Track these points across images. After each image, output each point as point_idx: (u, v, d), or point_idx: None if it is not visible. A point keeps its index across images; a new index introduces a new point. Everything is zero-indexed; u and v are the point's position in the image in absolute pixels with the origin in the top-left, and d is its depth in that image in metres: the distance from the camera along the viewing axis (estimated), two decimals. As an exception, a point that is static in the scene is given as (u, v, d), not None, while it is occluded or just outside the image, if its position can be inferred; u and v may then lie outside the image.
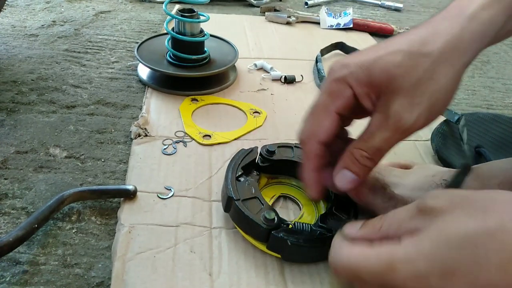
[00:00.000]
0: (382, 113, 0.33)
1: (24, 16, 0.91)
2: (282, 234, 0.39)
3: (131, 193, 0.46)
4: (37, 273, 0.39)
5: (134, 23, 0.93)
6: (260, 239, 0.40)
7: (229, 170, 0.45)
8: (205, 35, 0.68)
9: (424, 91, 0.32)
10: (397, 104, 0.32)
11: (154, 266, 0.39)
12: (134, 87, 0.69)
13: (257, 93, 0.69)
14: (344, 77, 0.34)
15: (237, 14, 1.04)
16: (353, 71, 0.33)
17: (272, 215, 0.40)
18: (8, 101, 0.62)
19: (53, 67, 0.72)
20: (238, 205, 0.41)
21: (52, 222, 0.44)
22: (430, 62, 0.32)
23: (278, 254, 0.40)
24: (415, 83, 0.32)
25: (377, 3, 1.21)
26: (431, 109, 0.32)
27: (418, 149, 0.60)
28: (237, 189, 0.43)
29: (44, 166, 0.51)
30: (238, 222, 0.42)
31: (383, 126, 0.33)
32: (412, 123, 0.32)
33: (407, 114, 0.32)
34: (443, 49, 0.32)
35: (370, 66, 0.33)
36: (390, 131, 0.33)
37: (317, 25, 1.00)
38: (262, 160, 0.48)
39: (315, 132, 0.36)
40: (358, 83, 0.33)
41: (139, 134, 0.56)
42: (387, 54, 0.33)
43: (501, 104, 0.77)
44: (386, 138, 0.33)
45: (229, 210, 0.43)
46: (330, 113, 0.35)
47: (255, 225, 0.40)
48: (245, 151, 0.47)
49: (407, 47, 0.32)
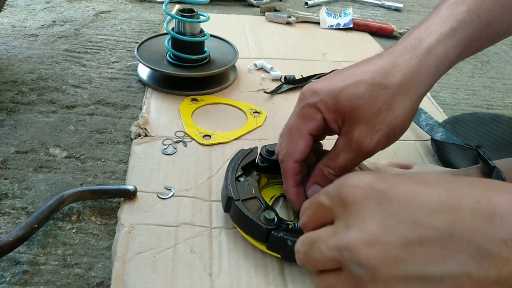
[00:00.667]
0: (346, 138, 0.37)
1: (24, 16, 0.91)
2: (282, 234, 0.39)
3: (131, 193, 0.46)
4: (37, 273, 0.39)
5: (134, 23, 0.93)
6: (260, 239, 0.40)
7: (229, 170, 0.45)
8: (205, 35, 0.68)
9: (383, 120, 0.35)
10: (359, 131, 0.36)
11: (154, 266, 0.39)
12: (134, 87, 0.69)
13: (257, 93, 0.69)
14: (314, 104, 0.37)
15: (237, 14, 1.04)
16: (322, 98, 0.37)
17: (272, 215, 0.40)
18: (8, 101, 0.62)
19: (53, 67, 0.72)
20: (238, 205, 0.41)
21: (52, 222, 0.44)
22: (389, 94, 0.35)
23: (278, 254, 0.40)
24: (375, 113, 0.35)
25: (377, 3, 1.21)
26: (389, 135, 0.36)
27: (418, 149, 0.60)
28: (237, 189, 0.43)
29: (44, 166, 0.51)
30: (238, 222, 0.42)
31: (346, 149, 0.37)
32: (372, 148, 0.37)
33: (367, 141, 0.36)
34: (402, 82, 0.35)
35: (337, 95, 0.36)
36: (352, 153, 0.37)
37: (317, 25, 1.00)
38: (262, 160, 0.48)
39: (291, 152, 0.40)
40: (327, 110, 0.37)
41: (139, 134, 0.56)
42: (352, 84, 0.36)
43: (501, 104, 0.77)
44: (349, 159, 0.38)
45: (229, 210, 0.43)
46: (304, 135, 0.39)
47: (255, 225, 0.40)
48: (245, 151, 0.47)
49: (369, 78, 0.36)
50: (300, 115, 0.39)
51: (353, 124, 0.36)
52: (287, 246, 0.38)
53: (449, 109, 0.72)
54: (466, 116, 0.63)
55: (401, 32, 1.00)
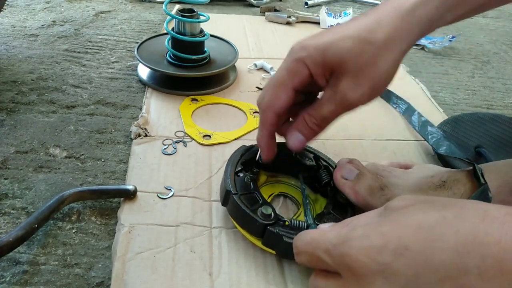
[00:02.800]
0: (332, 90, 0.39)
1: (24, 16, 0.91)
2: (278, 230, 0.39)
3: (131, 193, 0.46)
4: (37, 273, 0.39)
5: (134, 23, 0.93)
6: (256, 234, 0.40)
7: (228, 165, 0.45)
8: (205, 35, 0.68)
9: (368, 74, 0.37)
10: (344, 84, 0.38)
11: (154, 266, 0.40)
12: (134, 87, 0.69)
13: (257, 93, 0.69)
14: (302, 58, 0.38)
15: (237, 14, 1.04)
16: (311, 53, 0.38)
17: (269, 211, 0.40)
18: (8, 101, 0.62)
19: (53, 67, 0.72)
20: (236, 199, 0.41)
21: (52, 222, 0.44)
22: (374, 49, 0.37)
23: (273, 251, 0.40)
24: (360, 67, 0.37)
25: (377, 3, 1.21)
26: (372, 89, 0.38)
27: (418, 149, 0.60)
28: (236, 184, 0.43)
29: (44, 166, 0.51)
30: (235, 216, 0.42)
31: (331, 100, 0.39)
32: (356, 100, 0.38)
33: (352, 93, 0.38)
34: (385, 39, 0.37)
35: (325, 50, 0.38)
36: (336, 105, 0.39)
37: (317, 25, 1.00)
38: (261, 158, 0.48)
39: (273, 104, 0.41)
40: (314, 64, 0.38)
41: (139, 134, 0.56)
42: (340, 39, 0.37)
43: (501, 104, 0.77)
44: (332, 110, 0.39)
45: (227, 204, 0.43)
46: (288, 89, 0.40)
47: (252, 219, 0.40)
48: (246, 148, 0.48)
49: (356, 34, 0.37)
50: (287, 69, 0.40)
51: (339, 77, 0.38)
52: (283, 242, 0.38)
53: (449, 109, 0.72)
54: (466, 116, 0.63)
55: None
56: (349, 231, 0.29)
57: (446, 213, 0.26)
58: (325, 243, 0.29)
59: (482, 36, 1.06)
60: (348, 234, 0.28)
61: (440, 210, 0.27)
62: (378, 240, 0.26)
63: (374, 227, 0.28)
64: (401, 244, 0.25)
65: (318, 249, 0.30)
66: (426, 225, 0.26)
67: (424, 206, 0.28)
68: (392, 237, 0.26)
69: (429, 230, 0.25)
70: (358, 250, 0.27)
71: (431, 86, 0.79)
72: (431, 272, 0.24)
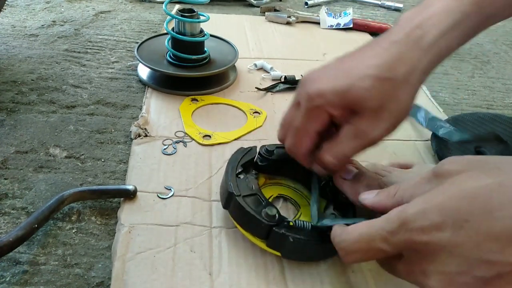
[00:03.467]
0: (351, 127, 0.38)
1: (24, 16, 0.91)
2: (284, 231, 0.38)
3: (131, 193, 0.46)
4: (37, 273, 0.39)
5: (134, 23, 0.93)
6: (260, 235, 0.40)
7: (229, 167, 0.44)
8: (205, 35, 0.68)
9: (388, 110, 0.37)
10: (365, 122, 0.37)
11: (154, 266, 0.40)
12: (134, 87, 0.69)
13: (257, 93, 0.69)
14: (322, 106, 0.38)
15: (237, 14, 1.04)
16: (329, 99, 0.38)
17: (274, 211, 0.39)
18: (8, 101, 0.62)
19: (53, 67, 0.72)
20: (239, 200, 0.40)
21: (52, 222, 0.44)
22: (395, 86, 0.37)
23: (278, 252, 0.40)
24: (381, 105, 0.37)
25: (377, 3, 1.21)
26: (393, 123, 0.38)
27: (418, 149, 0.60)
28: (238, 186, 0.42)
29: (44, 166, 0.51)
30: (238, 219, 0.41)
31: (350, 138, 0.39)
32: (377, 137, 0.38)
33: (373, 130, 0.38)
34: (405, 74, 0.37)
35: (344, 93, 0.37)
36: (356, 142, 0.39)
37: (317, 25, 1.00)
38: (261, 159, 0.48)
39: (298, 149, 0.42)
40: (334, 109, 0.38)
41: (139, 134, 0.56)
42: (358, 80, 0.37)
43: (501, 104, 0.77)
44: (352, 147, 0.39)
45: (229, 206, 0.42)
46: (311, 135, 0.40)
47: (256, 221, 0.39)
48: (244, 150, 0.47)
49: (375, 73, 0.37)
50: (307, 116, 0.40)
51: (360, 115, 0.38)
52: (288, 243, 0.38)
53: (449, 109, 0.72)
54: (466, 116, 0.63)
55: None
56: (402, 212, 0.28)
57: (502, 178, 0.26)
58: (380, 233, 0.29)
59: (482, 36, 1.06)
60: (403, 216, 0.28)
61: (495, 175, 0.26)
62: (436, 216, 0.26)
63: (428, 201, 0.27)
64: (460, 217, 0.25)
65: (373, 241, 0.29)
66: (482, 194, 0.26)
67: (478, 172, 0.27)
68: (450, 211, 0.26)
69: (486, 199, 0.25)
70: (418, 232, 0.27)
71: (431, 86, 0.79)
72: (493, 241, 0.24)
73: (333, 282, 0.40)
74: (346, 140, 0.39)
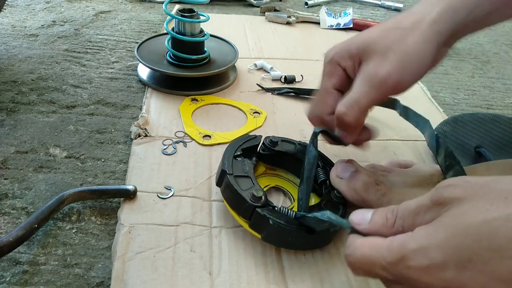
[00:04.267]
0: (361, 73, 0.40)
1: (24, 16, 0.91)
2: (265, 213, 0.39)
3: (131, 193, 0.46)
4: (37, 273, 0.39)
5: (134, 23, 0.93)
6: (245, 216, 0.40)
7: (228, 148, 0.45)
8: (205, 35, 0.68)
9: (395, 50, 0.38)
10: (371, 63, 0.39)
11: (154, 265, 0.40)
12: (134, 87, 0.69)
13: (257, 93, 0.69)
14: (332, 58, 0.41)
15: (237, 14, 1.04)
16: (338, 51, 0.41)
17: (260, 194, 0.40)
18: (8, 101, 0.62)
19: (53, 67, 0.72)
20: (230, 179, 0.41)
21: (52, 222, 0.44)
22: (401, 32, 0.38)
23: (259, 234, 0.40)
24: (387, 46, 0.38)
25: (377, 3, 1.21)
26: (403, 66, 0.38)
27: (418, 149, 0.60)
28: (232, 166, 0.43)
29: (44, 166, 0.51)
30: (227, 197, 0.42)
31: (361, 83, 0.39)
32: (385, 75, 0.38)
33: (379, 68, 0.38)
34: (414, 22, 0.38)
35: (350, 42, 0.40)
36: (366, 85, 0.39)
37: (317, 25, 1.00)
38: (263, 148, 0.48)
39: (322, 108, 0.43)
40: (343, 59, 0.40)
41: (139, 134, 0.56)
42: (365, 32, 0.41)
43: (501, 104, 0.77)
44: (364, 92, 0.39)
45: (221, 184, 0.43)
46: (331, 91, 0.42)
47: (242, 200, 0.40)
48: (249, 136, 0.48)
49: (382, 26, 0.40)
50: (324, 73, 0.43)
51: (367, 61, 0.39)
52: (269, 226, 0.38)
53: (449, 109, 0.72)
54: (466, 116, 0.63)
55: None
56: (402, 245, 0.26)
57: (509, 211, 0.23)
58: (380, 260, 0.27)
59: (482, 36, 1.06)
60: (403, 250, 0.26)
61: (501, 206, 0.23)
62: (437, 255, 0.24)
63: (429, 236, 0.25)
64: (463, 256, 0.23)
65: (373, 266, 0.28)
66: (487, 230, 0.23)
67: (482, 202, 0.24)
68: (452, 250, 0.24)
69: (492, 236, 0.23)
70: (418, 271, 0.25)
71: (431, 86, 0.79)
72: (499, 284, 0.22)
73: (333, 282, 0.40)
74: (356, 86, 0.40)
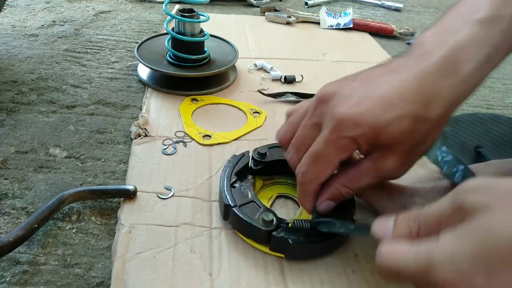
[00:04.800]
0: (374, 164, 0.37)
1: (24, 16, 0.91)
2: (282, 234, 0.39)
3: (131, 193, 0.46)
4: (37, 273, 0.39)
5: (134, 23, 0.93)
6: (262, 241, 0.41)
7: (223, 178, 0.45)
8: (205, 35, 0.68)
9: (416, 152, 0.37)
10: (392, 162, 0.36)
11: (154, 266, 0.40)
12: (134, 87, 0.69)
13: (257, 93, 0.69)
14: (355, 138, 0.35)
15: (237, 14, 1.04)
16: (365, 132, 0.34)
17: (270, 217, 0.40)
18: (8, 101, 0.62)
19: (53, 67, 0.72)
20: (236, 211, 0.41)
21: (52, 222, 0.44)
22: (429, 128, 0.35)
23: (282, 254, 0.40)
24: (411, 148, 0.36)
25: (377, 3, 1.21)
26: (414, 163, 0.38)
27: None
28: (233, 196, 0.43)
29: (44, 166, 0.51)
30: (239, 228, 0.42)
31: (372, 174, 0.37)
32: (397, 176, 0.38)
33: (397, 171, 0.37)
34: (440, 116, 0.35)
35: (382, 130, 0.34)
36: (375, 178, 0.37)
37: (317, 25, 1.00)
38: (254, 163, 0.48)
39: (318, 177, 0.38)
40: (366, 143, 0.35)
41: (139, 134, 0.56)
42: (397, 118, 0.34)
43: (501, 104, 0.77)
44: (370, 183, 0.38)
45: (228, 217, 0.43)
46: (334, 164, 0.37)
47: (255, 228, 0.40)
48: (237, 157, 0.48)
49: (413, 110, 0.34)
50: (333, 145, 0.36)
51: (387, 154, 0.36)
52: (289, 245, 0.39)
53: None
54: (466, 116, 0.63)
55: (401, 32, 1.00)
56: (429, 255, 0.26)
57: None
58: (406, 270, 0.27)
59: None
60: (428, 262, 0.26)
61: None
62: (465, 263, 0.24)
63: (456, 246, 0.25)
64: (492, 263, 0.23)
65: (401, 274, 0.27)
66: None
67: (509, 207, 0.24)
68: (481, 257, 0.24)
69: None
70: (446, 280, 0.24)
71: (431, 86, 0.79)
72: None
73: (333, 282, 0.40)
74: (366, 175, 0.37)
